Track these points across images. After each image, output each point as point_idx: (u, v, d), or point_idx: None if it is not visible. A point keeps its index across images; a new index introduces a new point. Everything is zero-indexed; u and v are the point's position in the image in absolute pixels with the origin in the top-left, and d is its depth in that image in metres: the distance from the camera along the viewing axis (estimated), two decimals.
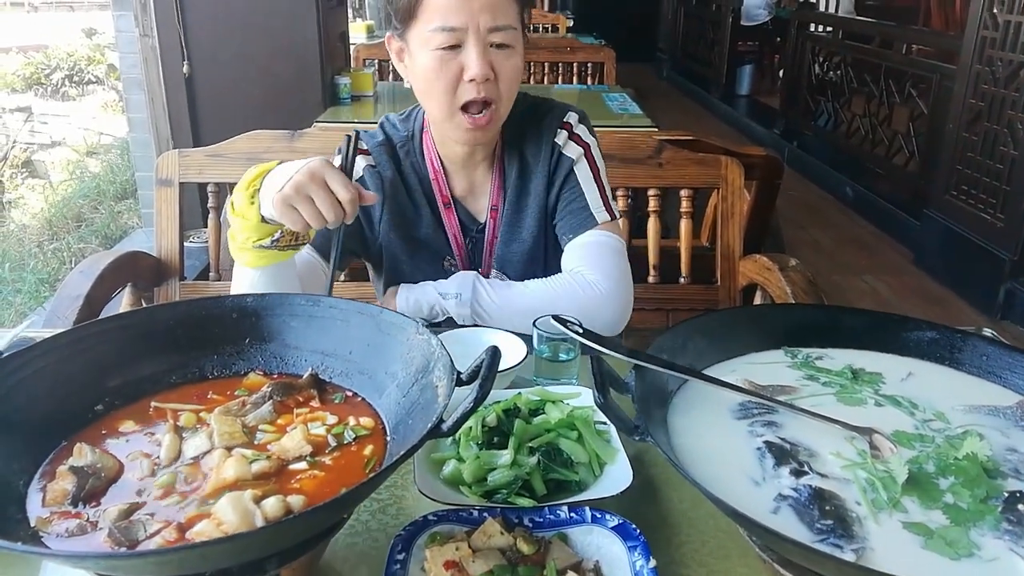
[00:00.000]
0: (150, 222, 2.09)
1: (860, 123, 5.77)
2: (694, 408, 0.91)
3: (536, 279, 1.47)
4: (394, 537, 0.85)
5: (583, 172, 1.51)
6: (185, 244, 2.04)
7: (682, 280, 2.05)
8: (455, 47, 1.31)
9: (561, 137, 1.51)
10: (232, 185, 2.17)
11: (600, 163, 1.55)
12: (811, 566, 0.68)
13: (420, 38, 1.33)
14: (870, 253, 4.82)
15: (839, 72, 6.13)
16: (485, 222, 1.55)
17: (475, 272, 1.48)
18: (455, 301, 1.43)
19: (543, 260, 1.57)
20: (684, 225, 2.05)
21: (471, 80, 1.32)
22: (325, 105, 3.67)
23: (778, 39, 8.47)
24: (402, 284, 1.52)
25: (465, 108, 1.35)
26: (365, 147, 1.51)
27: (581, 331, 0.94)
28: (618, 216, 1.55)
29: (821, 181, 6.09)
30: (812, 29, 6.85)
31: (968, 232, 4.13)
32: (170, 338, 0.98)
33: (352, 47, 4.42)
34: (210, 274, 2.09)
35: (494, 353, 0.84)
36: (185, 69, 3.46)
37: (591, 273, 1.44)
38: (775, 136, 6.97)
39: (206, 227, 2.17)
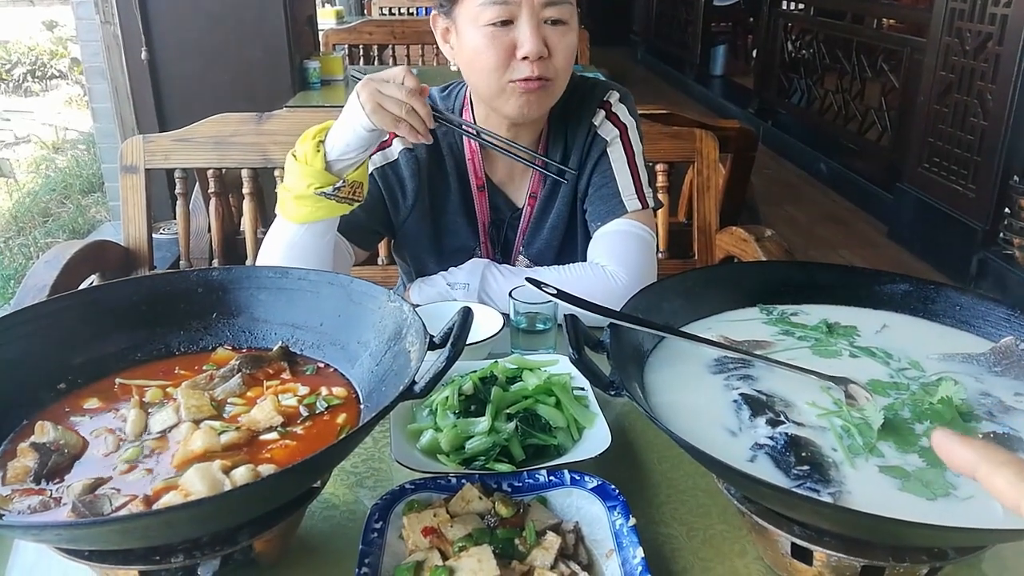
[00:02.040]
0: (118, 215, 2.04)
1: (833, 99, 5.79)
2: (670, 365, 0.91)
3: (553, 267, 1.42)
4: (371, 507, 0.84)
5: (616, 155, 1.44)
6: (154, 236, 2.00)
7: (660, 255, 2.04)
8: (506, 23, 1.25)
9: (598, 117, 1.44)
10: (200, 170, 2.14)
11: (637, 146, 1.46)
12: (788, 511, 0.68)
13: (469, 14, 1.27)
14: (845, 228, 4.86)
15: (812, 49, 6.14)
16: (522, 208, 1.49)
17: (487, 260, 1.42)
18: (463, 291, 1.37)
19: (576, 250, 1.50)
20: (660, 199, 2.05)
21: (524, 58, 1.26)
22: (295, 90, 3.62)
23: (751, 18, 8.47)
24: (419, 278, 1.47)
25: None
26: None
27: (555, 292, 0.92)
28: (652, 205, 1.46)
29: (796, 159, 6.12)
30: (784, 7, 6.86)
31: (940, 204, 4.16)
32: (134, 314, 0.95)
33: (321, 33, 4.37)
34: (180, 263, 2.05)
35: (466, 313, 0.82)
36: (143, 55, 3.37)
37: (612, 265, 1.37)
38: (750, 115, 6.98)
39: (175, 218, 2.12)
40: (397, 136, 1.44)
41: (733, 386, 0.86)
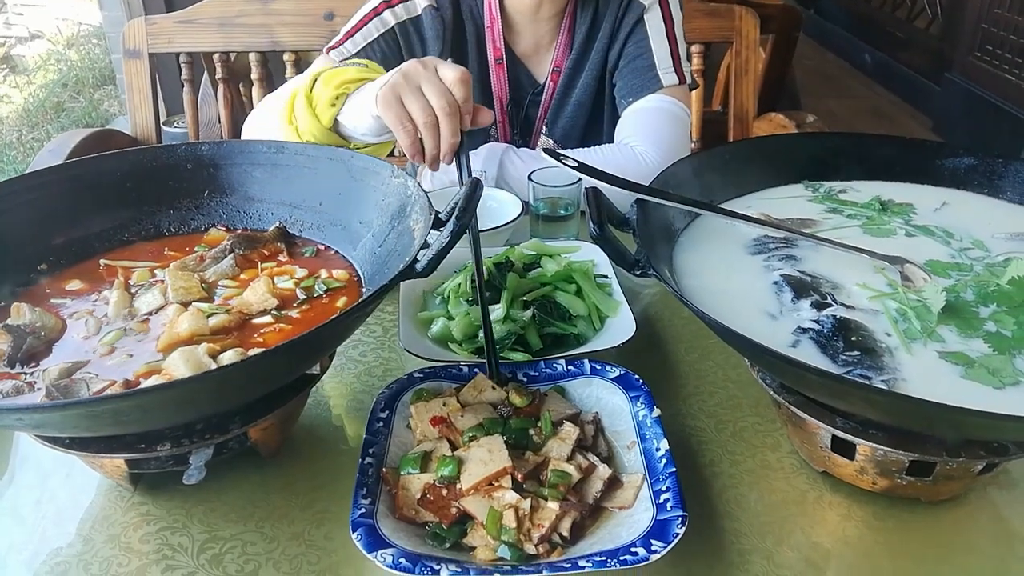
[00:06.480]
0: None
1: None
2: (702, 245, 0.82)
3: (576, 150, 1.30)
4: (376, 395, 0.78)
5: (654, 23, 1.30)
6: (167, 130, 1.92)
7: (692, 145, 1.91)
8: None
9: None
10: (206, 55, 2.03)
11: (677, 15, 1.32)
12: (835, 400, 0.61)
13: None
14: (888, 122, 4.62)
15: None
16: (544, 84, 1.37)
17: (505, 144, 1.31)
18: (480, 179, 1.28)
19: (603, 131, 1.38)
20: None
21: None
22: None
23: None
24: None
25: None
26: None
27: (576, 164, 0.83)
28: (689, 80, 1.33)
29: (838, 49, 5.78)
30: None
31: (991, 95, 3.91)
32: (119, 191, 0.88)
33: None
34: None
35: (474, 185, 0.74)
36: None
37: (642, 144, 1.25)
38: (790, 2, 6.58)
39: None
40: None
41: (774, 267, 0.78)
